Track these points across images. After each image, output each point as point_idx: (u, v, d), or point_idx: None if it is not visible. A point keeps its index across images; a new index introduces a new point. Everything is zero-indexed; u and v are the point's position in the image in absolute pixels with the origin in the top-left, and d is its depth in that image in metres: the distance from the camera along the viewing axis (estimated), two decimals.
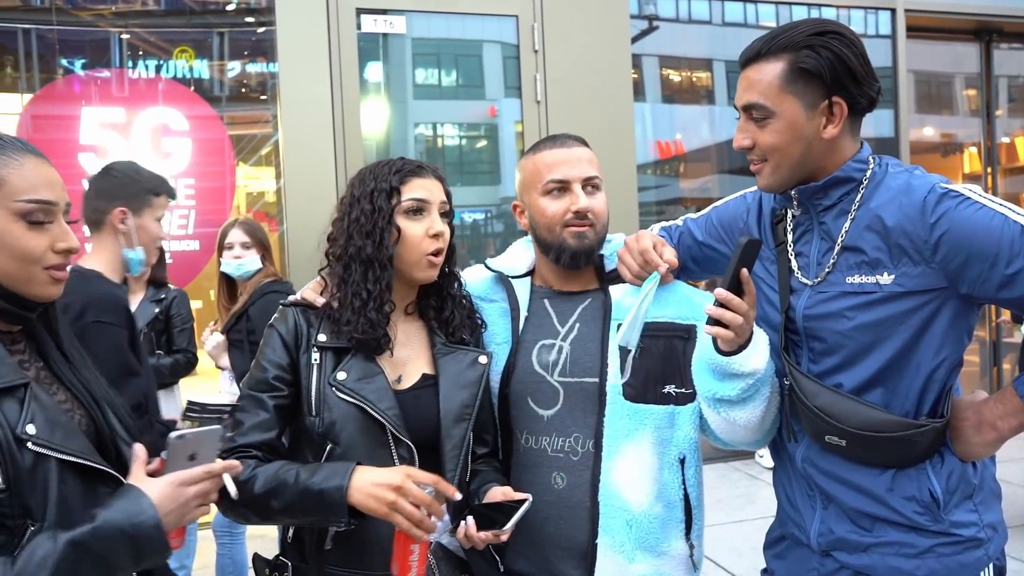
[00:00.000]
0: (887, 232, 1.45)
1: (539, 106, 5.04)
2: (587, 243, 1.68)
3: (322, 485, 1.38)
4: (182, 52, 4.81)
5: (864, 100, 1.48)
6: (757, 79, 1.48)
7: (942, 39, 6.80)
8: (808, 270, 1.56)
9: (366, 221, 1.53)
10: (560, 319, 1.73)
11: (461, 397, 1.57)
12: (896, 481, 1.49)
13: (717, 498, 4.90)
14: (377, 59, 5.11)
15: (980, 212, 1.39)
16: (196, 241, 4.63)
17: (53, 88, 4.61)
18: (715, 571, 3.89)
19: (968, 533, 1.48)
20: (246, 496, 1.40)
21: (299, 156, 4.58)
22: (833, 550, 1.58)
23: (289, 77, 4.60)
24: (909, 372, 1.47)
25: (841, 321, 1.50)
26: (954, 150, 7.45)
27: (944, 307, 1.44)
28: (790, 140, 1.48)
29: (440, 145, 5.56)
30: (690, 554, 1.67)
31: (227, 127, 4.90)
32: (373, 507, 1.37)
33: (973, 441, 1.47)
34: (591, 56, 5.11)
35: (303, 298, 1.61)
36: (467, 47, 5.37)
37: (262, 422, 1.49)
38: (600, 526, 1.61)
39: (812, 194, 1.53)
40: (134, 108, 4.61)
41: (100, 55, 4.69)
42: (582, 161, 1.68)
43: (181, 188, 4.64)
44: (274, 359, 1.53)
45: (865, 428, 1.45)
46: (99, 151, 4.49)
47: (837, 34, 1.45)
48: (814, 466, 1.58)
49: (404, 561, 1.40)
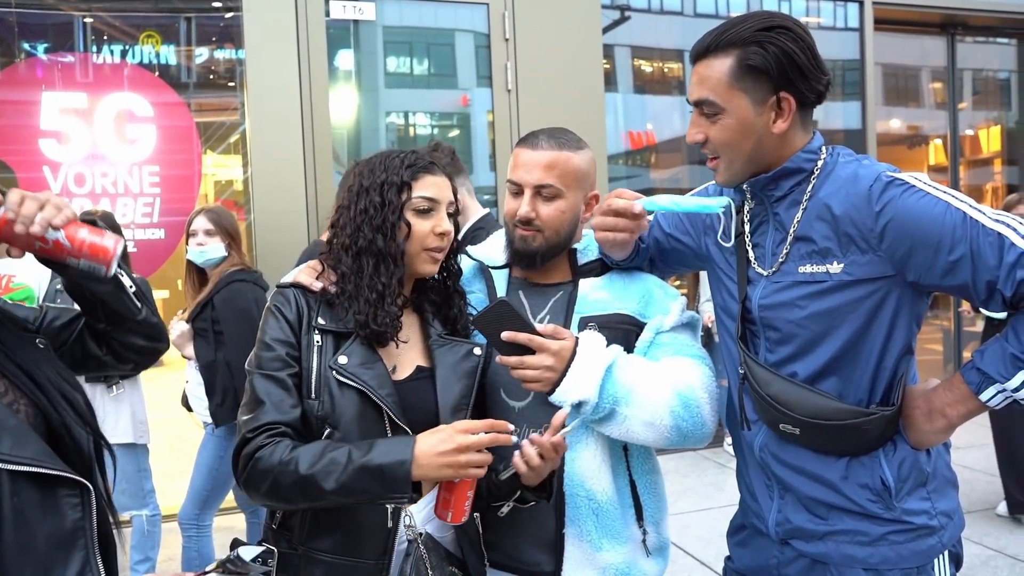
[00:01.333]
0: (835, 221, 1.47)
1: (509, 95, 5.03)
2: (531, 247, 1.69)
3: (382, 460, 1.35)
4: (148, 37, 4.73)
5: (812, 94, 1.49)
6: (707, 75, 1.49)
7: (909, 32, 6.89)
8: (764, 260, 1.58)
9: (375, 214, 1.52)
10: (533, 311, 1.74)
11: (458, 388, 1.57)
12: (850, 469, 1.51)
13: (686, 486, 4.94)
14: (347, 47, 5.06)
15: (924, 200, 1.40)
16: (161, 230, 4.56)
17: (13, 72, 4.51)
18: (683, 558, 3.94)
19: (920, 521, 1.50)
20: (290, 477, 1.36)
21: (266, 145, 4.52)
22: (790, 539, 1.60)
23: (256, 64, 4.54)
24: (860, 360, 1.49)
25: (794, 310, 1.51)
26: (920, 142, 7.56)
27: (892, 295, 1.46)
28: (741, 136, 1.50)
29: (412, 134, 5.53)
30: (643, 539, 1.69)
31: (194, 114, 4.82)
32: (447, 475, 1.38)
33: (924, 429, 1.49)
34: (562, 45, 5.10)
35: (298, 281, 1.59)
36: (439, 36, 5.33)
37: (283, 401, 1.45)
38: (567, 516, 1.63)
39: (763, 186, 1.55)
40: (97, 94, 4.53)
41: (63, 39, 4.60)
42: (539, 167, 1.67)
43: (146, 176, 4.57)
44: (280, 337, 1.50)
45: (816, 416, 1.47)
46: (60, 137, 4.40)
47: (785, 29, 1.45)
48: (771, 455, 1.60)
49: (461, 507, 1.43)
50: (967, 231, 1.37)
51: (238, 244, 3.41)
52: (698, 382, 1.62)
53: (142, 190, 4.56)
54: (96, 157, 4.50)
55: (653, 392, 1.57)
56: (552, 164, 1.66)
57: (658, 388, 1.58)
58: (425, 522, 1.55)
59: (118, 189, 4.50)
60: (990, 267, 1.35)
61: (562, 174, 1.67)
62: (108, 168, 4.48)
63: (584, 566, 1.63)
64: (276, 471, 1.37)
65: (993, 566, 3.76)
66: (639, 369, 1.59)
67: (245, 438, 1.42)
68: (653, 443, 1.62)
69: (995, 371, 1.40)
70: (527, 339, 1.52)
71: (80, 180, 4.47)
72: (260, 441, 1.40)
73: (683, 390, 1.60)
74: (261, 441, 1.40)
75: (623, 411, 1.56)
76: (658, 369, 1.62)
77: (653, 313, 1.71)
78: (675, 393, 1.58)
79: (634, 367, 1.59)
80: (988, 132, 7.65)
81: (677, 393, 1.59)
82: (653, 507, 1.71)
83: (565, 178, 1.67)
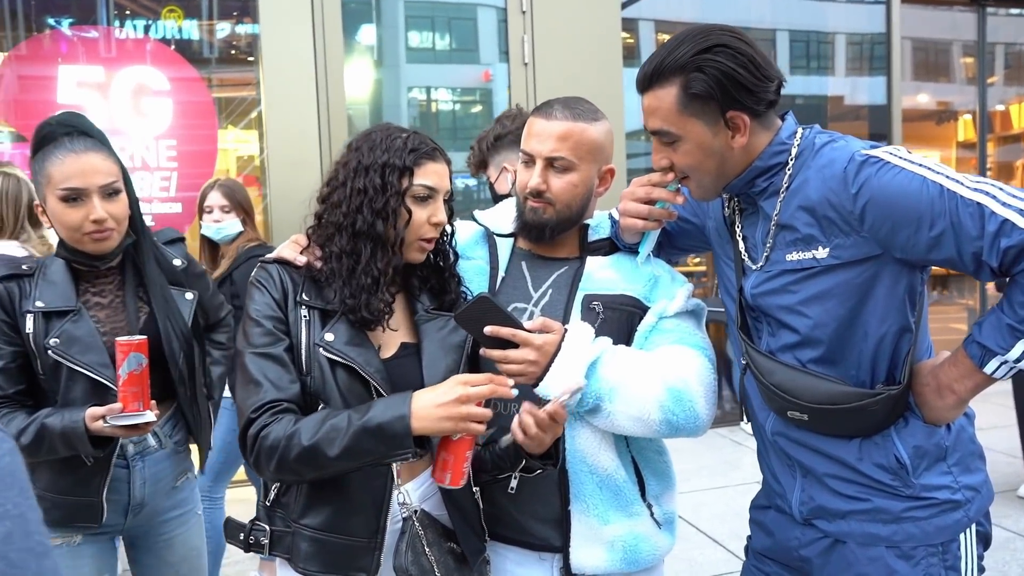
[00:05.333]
0: (814, 207, 1.45)
1: (527, 68, 4.97)
2: (541, 219, 1.66)
3: (381, 419, 1.34)
4: (171, 12, 4.72)
5: (762, 105, 1.47)
6: (656, 106, 1.49)
7: (939, 4, 6.72)
8: (756, 251, 1.56)
9: (376, 196, 1.48)
10: (535, 284, 1.71)
11: (445, 363, 1.54)
12: (863, 449, 1.49)
13: (701, 464, 4.92)
14: (367, 21, 5.02)
15: (899, 176, 1.37)
16: (178, 204, 4.57)
17: (31, 45, 4.53)
18: (697, 536, 3.92)
19: (943, 496, 1.48)
20: (295, 450, 1.35)
21: (282, 120, 4.51)
22: (814, 518, 1.58)
23: (271, 39, 4.51)
24: (858, 341, 1.47)
25: (786, 296, 1.50)
26: (948, 118, 7.40)
27: (883, 273, 1.43)
28: (703, 157, 1.50)
29: (434, 110, 5.50)
30: (651, 514, 1.67)
31: (212, 89, 4.82)
32: (447, 428, 1.35)
33: (936, 405, 1.46)
34: (580, 19, 5.03)
35: (282, 257, 1.56)
36: (461, 10, 5.27)
37: (281, 377, 1.43)
38: (571, 492, 1.62)
39: (740, 188, 1.54)
40: (114, 68, 4.53)
41: (86, 14, 4.60)
42: (552, 138, 1.62)
43: (163, 150, 4.58)
44: (267, 312, 1.47)
45: (822, 401, 1.45)
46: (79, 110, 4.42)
47: (722, 47, 1.43)
48: (784, 437, 1.58)
49: (459, 469, 1.40)
50: (945, 204, 1.34)
51: (252, 218, 3.40)
52: (693, 374, 1.60)
53: (159, 164, 4.57)
54: (113, 131, 4.51)
55: (640, 388, 1.55)
56: (566, 135, 1.62)
57: (646, 383, 1.55)
58: (422, 500, 1.53)
59: (135, 163, 4.51)
60: (972, 238, 1.33)
61: (576, 146, 1.63)
62: (125, 142, 4.49)
63: (591, 541, 1.62)
64: (281, 447, 1.36)
65: (1012, 548, 3.71)
66: (627, 364, 1.57)
67: (249, 419, 1.40)
68: (643, 435, 1.61)
69: (994, 343, 1.37)
70: (510, 333, 1.50)
71: None
72: (263, 420, 1.39)
73: (675, 384, 1.57)
74: (264, 420, 1.39)
75: (607, 407, 1.55)
76: (649, 362, 1.59)
77: (658, 297, 1.67)
78: (665, 388, 1.56)
79: (621, 362, 1.56)
80: (1020, 107, 7.47)
81: (667, 388, 1.56)
82: (655, 483, 1.70)
83: (579, 150, 1.63)
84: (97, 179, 1.83)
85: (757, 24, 6.12)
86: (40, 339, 1.81)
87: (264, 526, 1.51)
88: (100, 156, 1.85)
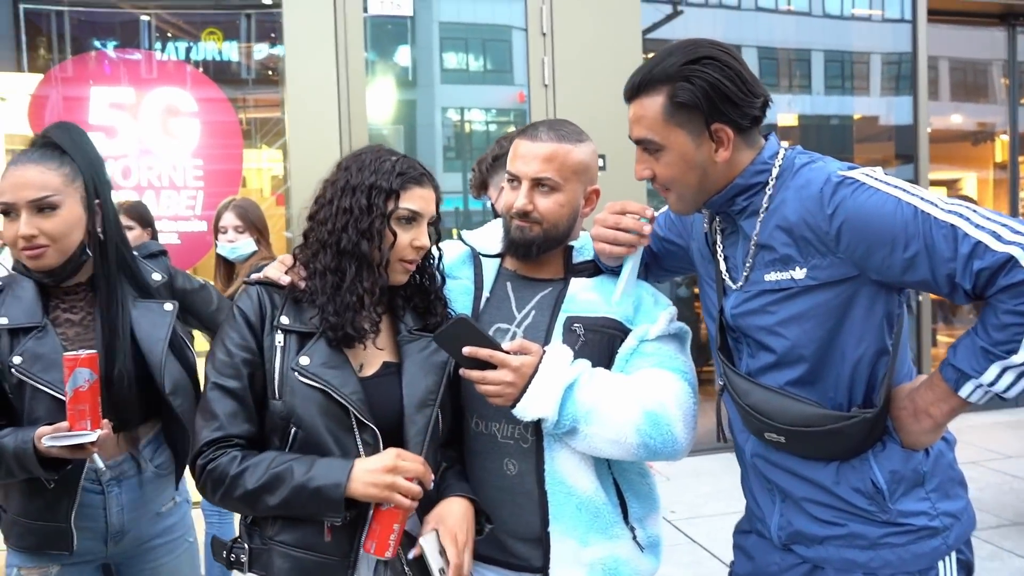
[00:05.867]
0: (791, 228, 1.45)
1: (546, 90, 5.00)
2: (527, 237, 1.67)
3: (320, 483, 1.39)
4: (211, 35, 4.87)
5: (747, 120, 1.48)
6: (642, 115, 1.50)
7: (966, 23, 6.63)
8: (736, 271, 1.56)
9: (361, 216, 1.50)
10: (518, 304, 1.72)
11: (426, 383, 1.56)
12: (841, 473, 1.48)
13: (719, 488, 4.85)
14: (402, 43, 5.10)
15: (874, 198, 1.37)
16: (204, 222, 4.67)
17: (71, 66, 4.68)
18: (710, 561, 3.87)
19: (920, 522, 1.47)
20: (239, 490, 1.42)
21: (304, 140, 4.59)
22: (793, 543, 1.57)
23: (295, 60, 4.62)
24: (835, 363, 1.47)
25: (764, 317, 1.50)
26: (984, 138, 7.28)
27: (860, 295, 1.43)
28: (685, 169, 1.50)
29: (467, 130, 5.55)
30: (633, 536, 1.67)
31: (245, 110, 4.94)
32: (373, 494, 1.40)
33: (913, 430, 1.45)
34: (601, 41, 5.05)
35: (267, 277, 1.59)
36: (496, 32, 5.33)
37: (237, 412, 1.47)
38: (551, 514, 1.62)
39: (720, 206, 1.55)
40: (144, 89, 4.67)
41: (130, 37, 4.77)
42: (538, 159, 1.65)
43: (190, 169, 4.70)
44: (239, 341, 1.50)
45: (798, 423, 1.45)
46: (108, 131, 4.55)
47: (710, 59, 1.44)
48: (764, 460, 1.58)
49: (385, 540, 1.43)
50: (919, 226, 1.33)
51: (266, 237, 3.47)
52: (671, 398, 1.60)
53: (186, 183, 4.69)
54: (143, 151, 4.65)
55: (617, 411, 1.55)
56: (551, 156, 1.64)
57: (623, 407, 1.56)
58: None
59: (163, 182, 4.63)
60: (946, 259, 1.32)
61: (561, 167, 1.65)
62: (153, 162, 4.62)
63: (571, 563, 1.62)
64: (227, 483, 1.43)
65: None
66: (604, 387, 1.58)
67: (199, 450, 1.46)
68: (621, 458, 1.61)
69: (968, 367, 1.36)
70: (488, 355, 1.52)
71: (127, 173, 4.62)
72: (210, 454, 1.45)
73: (652, 408, 1.57)
74: (211, 454, 1.45)
75: (584, 429, 1.56)
76: (627, 386, 1.60)
77: (641, 321, 1.68)
78: (642, 412, 1.56)
79: (598, 385, 1.57)
80: None
81: (645, 412, 1.57)
82: (638, 505, 1.70)
83: (564, 171, 1.65)
84: (26, 193, 1.71)
85: (781, 44, 6.09)
86: (4, 356, 1.73)
87: (244, 544, 1.53)
88: (38, 169, 1.73)
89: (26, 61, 4.83)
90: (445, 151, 5.44)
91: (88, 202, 1.80)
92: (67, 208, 1.76)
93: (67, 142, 1.80)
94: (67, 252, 1.77)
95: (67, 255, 1.77)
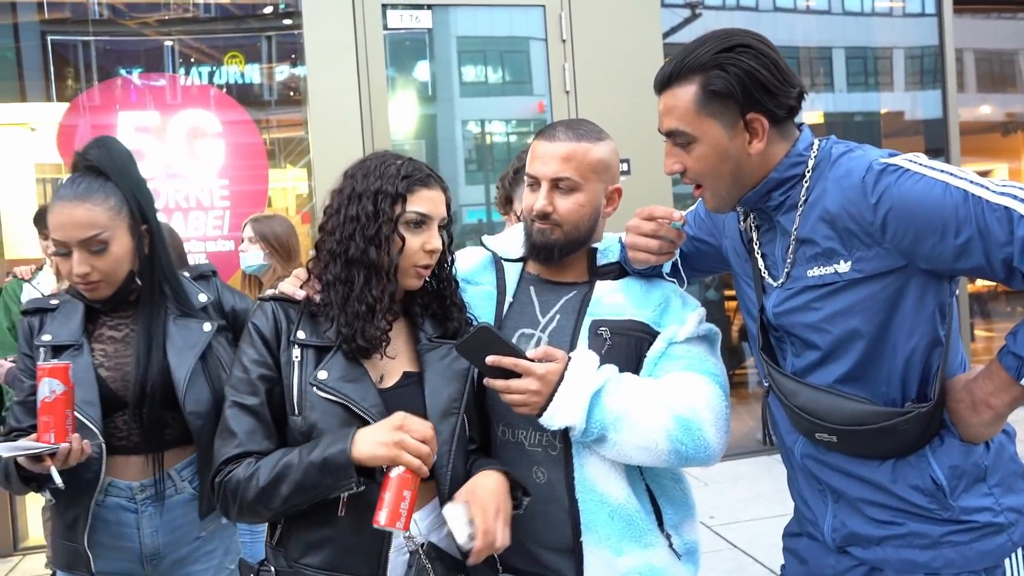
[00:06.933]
0: (833, 220, 1.40)
1: (568, 96, 4.99)
2: (549, 240, 1.65)
3: (326, 452, 1.37)
4: (232, 58, 4.93)
5: (783, 110, 1.43)
6: (673, 105, 1.46)
7: (993, 11, 6.53)
8: (776, 268, 1.52)
9: (368, 223, 1.48)
10: (543, 309, 1.70)
11: (449, 391, 1.54)
12: (897, 471, 1.43)
13: (758, 492, 4.79)
14: (420, 58, 5.13)
15: (920, 183, 1.32)
16: (231, 241, 4.72)
17: (97, 93, 4.76)
18: (752, 566, 3.81)
19: (983, 519, 1.41)
20: (253, 491, 1.40)
21: (328, 158, 4.61)
22: (848, 546, 1.52)
23: (317, 78, 4.65)
24: (886, 357, 1.41)
25: (809, 313, 1.45)
26: (1015, 128, 7.15)
27: (909, 285, 1.38)
28: (718, 162, 1.46)
29: (488, 142, 5.56)
30: (669, 544, 1.63)
31: (269, 130, 4.98)
32: (380, 453, 1.36)
33: (972, 423, 1.40)
34: (622, 47, 5.03)
35: (282, 292, 1.58)
36: (514, 43, 5.34)
37: (256, 429, 1.46)
38: (582, 523, 1.59)
39: (755, 202, 1.50)
40: (170, 113, 4.74)
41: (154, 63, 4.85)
42: (556, 159, 1.62)
43: (216, 190, 4.75)
44: (255, 357, 1.49)
45: (850, 423, 1.40)
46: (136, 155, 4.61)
47: (745, 47, 1.40)
48: (815, 460, 1.53)
49: (396, 508, 1.36)
50: (971, 210, 1.28)
51: (285, 253, 3.45)
52: (702, 402, 1.56)
53: (213, 203, 4.74)
54: (170, 174, 4.71)
55: (646, 417, 1.52)
56: (570, 156, 1.62)
57: (653, 412, 1.52)
58: (429, 531, 1.52)
59: (190, 203, 4.69)
60: (1001, 244, 1.27)
61: (580, 166, 1.63)
62: (181, 184, 4.68)
63: (605, 574, 1.58)
64: (241, 489, 1.41)
65: None
66: (632, 393, 1.54)
67: (218, 469, 1.45)
68: (652, 464, 1.58)
69: None
70: (512, 363, 1.49)
71: (155, 195, 4.66)
72: (228, 468, 1.44)
73: (683, 412, 1.54)
74: (229, 468, 1.44)
75: (612, 437, 1.52)
76: (656, 390, 1.56)
77: (668, 323, 1.65)
78: (672, 416, 1.53)
79: (626, 391, 1.54)
80: None
81: (675, 416, 1.53)
82: (672, 512, 1.66)
83: (583, 170, 1.63)
84: (77, 234, 1.75)
85: (804, 43, 6.04)
86: None
87: (270, 567, 1.51)
88: (85, 207, 1.75)
89: (55, 91, 4.93)
90: (467, 164, 5.45)
91: (135, 228, 1.84)
92: (116, 243, 1.81)
93: (108, 164, 1.83)
94: (118, 283, 1.84)
95: (118, 286, 1.84)
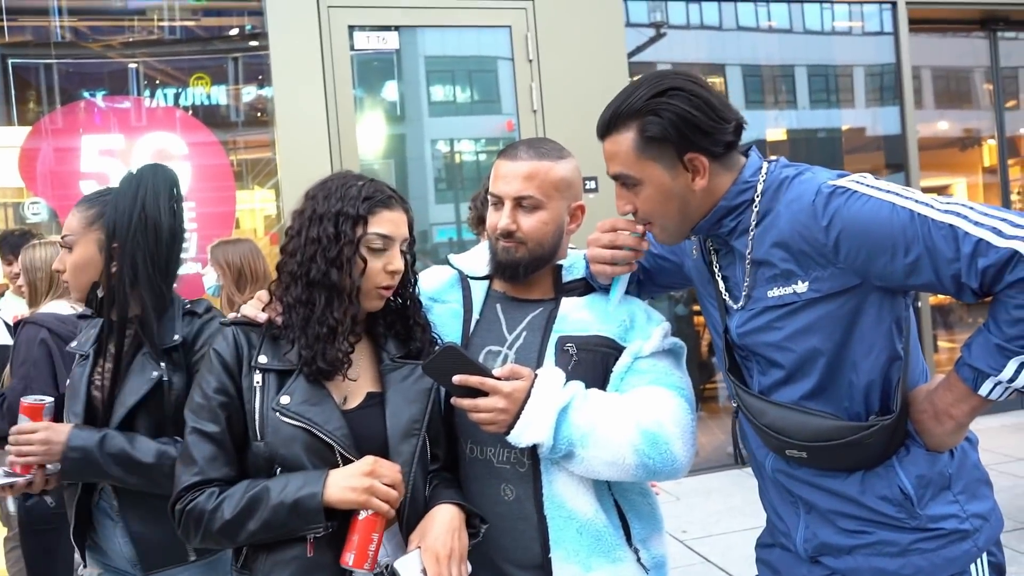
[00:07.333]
0: (787, 244, 1.44)
1: (535, 115, 5.03)
2: (514, 257, 1.66)
3: (297, 495, 1.37)
4: (198, 80, 4.90)
5: (719, 147, 1.47)
6: (615, 151, 1.50)
7: (948, 30, 6.70)
8: (737, 290, 1.55)
9: (329, 245, 1.47)
10: (509, 326, 1.71)
11: (410, 412, 1.53)
12: (866, 482, 1.46)
13: (731, 505, 4.81)
14: (388, 79, 5.13)
15: (868, 204, 1.36)
16: (197, 264, 4.67)
17: (59, 116, 4.70)
18: None
19: (950, 525, 1.44)
20: (218, 523, 1.39)
21: (296, 178, 4.60)
22: (820, 555, 1.54)
23: (284, 98, 4.64)
24: (847, 372, 1.45)
25: (771, 333, 1.48)
26: (972, 144, 7.32)
27: (865, 303, 1.42)
28: (664, 201, 1.50)
29: (458, 161, 5.57)
30: (637, 558, 1.64)
31: (236, 152, 4.95)
32: (351, 499, 1.37)
33: (936, 432, 1.43)
34: (587, 65, 5.09)
35: (244, 315, 1.56)
36: (482, 63, 5.37)
37: (216, 456, 1.45)
38: (551, 539, 1.59)
39: (708, 229, 1.54)
40: (134, 135, 4.69)
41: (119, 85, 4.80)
42: (519, 178, 1.64)
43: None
44: (216, 385, 1.48)
45: (817, 439, 1.43)
46: (100, 179, 4.56)
47: (676, 89, 1.44)
48: (786, 474, 1.56)
49: (364, 550, 1.38)
50: (918, 229, 1.32)
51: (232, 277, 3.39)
52: (669, 416, 1.58)
53: None
54: None
55: (614, 432, 1.53)
56: (532, 174, 1.64)
57: (620, 427, 1.54)
58: (393, 554, 1.49)
59: None
60: (949, 260, 1.30)
61: (542, 184, 1.64)
62: None
63: None
64: (205, 519, 1.41)
65: None
66: (599, 408, 1.55)
67: (178, 495, 1.44)
68: (620, 479, 1.59)
69: (985, 364, 1.34)
70: (478, 382, 1.50)
71: None
72: (189, 496, 1.43)
73: (649, 427, 1.55)
74: (191, 496, 1.43)
75: (580, 452, 1.53)
76: (622, 406, 1.57)
77: (634, 338, 1.66)
78: (639, 431, 1.54)
79: (593, 407, 1.55)
80: None
81: (642, 431, 1.54)
82: (640, 526, 1.67)
83: (546, 188, 1.64)
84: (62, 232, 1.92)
85: (766, 61, 6.15)
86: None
87: None
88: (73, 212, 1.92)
89: (16, 114, 4.85)
90: (436, 183, 5.46)
91: (104, 244, 1.86)
92: (78, 250, 1.90)
93: (120, 186, 1.87)
94: (79, 289, 1.92)
95: (80, 292, 1.92)
